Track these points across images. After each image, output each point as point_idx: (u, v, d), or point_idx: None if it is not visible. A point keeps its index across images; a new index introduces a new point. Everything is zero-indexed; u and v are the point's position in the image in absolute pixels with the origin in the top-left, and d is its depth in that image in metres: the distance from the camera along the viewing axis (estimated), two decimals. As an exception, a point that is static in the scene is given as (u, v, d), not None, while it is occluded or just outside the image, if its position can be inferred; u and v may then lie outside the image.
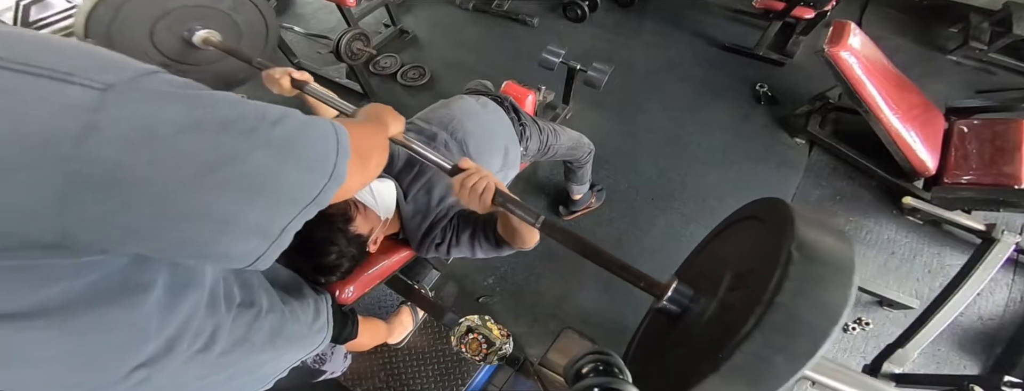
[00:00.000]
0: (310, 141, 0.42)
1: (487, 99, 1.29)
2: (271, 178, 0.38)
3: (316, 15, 2.98)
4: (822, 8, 2.25)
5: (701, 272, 0.81)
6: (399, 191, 1.05)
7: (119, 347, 0.46)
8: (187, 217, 0.35)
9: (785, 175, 2.06)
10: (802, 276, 0.51)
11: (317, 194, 0.42)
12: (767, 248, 0.58)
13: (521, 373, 1.46)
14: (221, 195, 0.36)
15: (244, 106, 0.38)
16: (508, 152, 1.23)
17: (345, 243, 0.90)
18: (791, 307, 0.49)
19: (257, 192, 0.38)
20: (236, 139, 0.36)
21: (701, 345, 0.58)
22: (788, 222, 0.57)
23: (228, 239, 0.38)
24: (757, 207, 0.76)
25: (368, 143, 0.56)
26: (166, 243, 0.36)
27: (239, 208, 0.37)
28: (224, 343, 0.58)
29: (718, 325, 0.57)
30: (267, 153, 0.38)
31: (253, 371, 0.68)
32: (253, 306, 0.64)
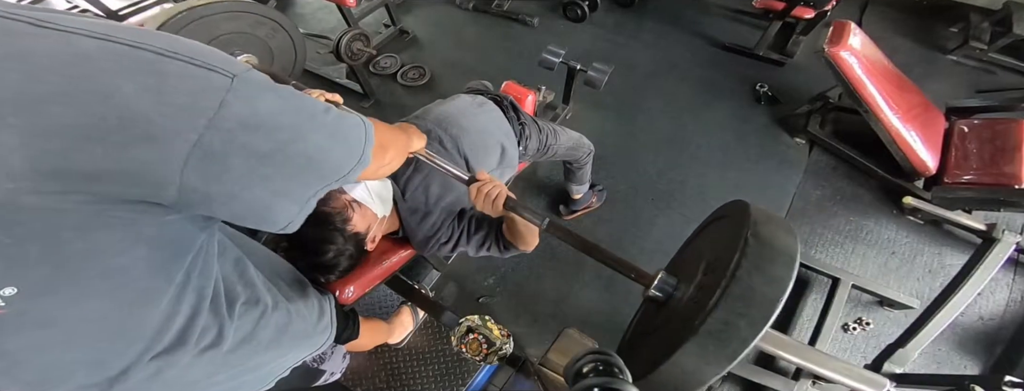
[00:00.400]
0: (349, 128, 0.50)
1: (484, 98, 1.29)
2: (322, 155, 0.46)
3: (316, 15, 2.98)
4: (822, 8, 2.26)
5: (683, 264, 0.94)
6: (396, 189, 1.05)
7: (143, 326, 0.49)
8: (263, 182, 0.42)
9: (785, 175, 2.06)
10: (755, 257, 0.63)
11: (347, 172, 0.49)
12: (731, 239, 0.70)
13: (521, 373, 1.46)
14: (285, 169, 0.43)
15: (307, 97, 0.46)
16: (505, 151, 1.23)
17: (342, 241, 0.91)
18: (747, 281, 0.61)
19: (309, 167, 0.46)
20: (305, 121, 0.44)
21: (681, 320, 0.68)
22: (746, 217, 0.70)
23: (282, 204, 0.46)
24: (726, 208, 0.90)
25: (388, 137, 0.66)
26: (240, 205, 0.43)
27: (295, 179, 0.45)
28: (231, 341, 0.59)
29: (694, 303, 0.68)
30: (321, 135, 0.46)
31: (257, 369, 0.68)
32: (258, 304, 0.65)
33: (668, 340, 0.66)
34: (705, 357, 0.60)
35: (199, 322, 0.54)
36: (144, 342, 0.50)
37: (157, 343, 0.51)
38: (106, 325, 0.46)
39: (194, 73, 0.37)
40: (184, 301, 0.52)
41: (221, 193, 0.41)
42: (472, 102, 1.25)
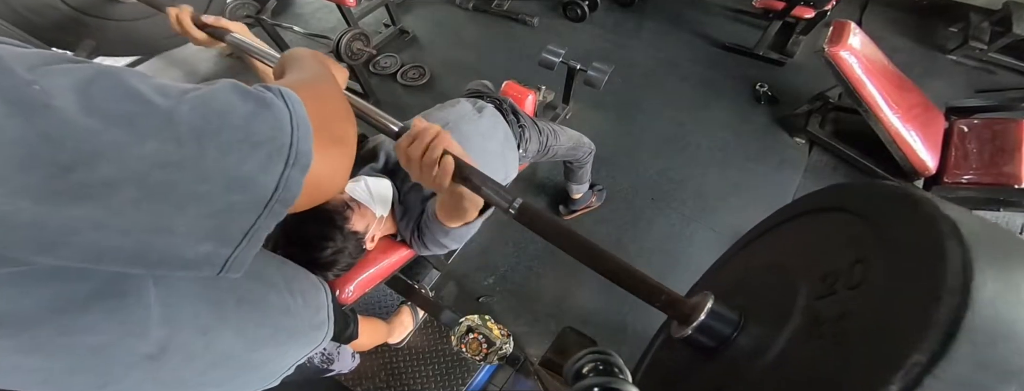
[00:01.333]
0: (245, 118, 0.32)
1: (484, 103, 1.29)
2: (186, 177, 0.29)
3: (316, 15, 2.98)
4: (822, 8, 2.25)
5: (742, 288, 0.61)
6: (395, 191, 1.05)
7: (118, 347, 0.46)
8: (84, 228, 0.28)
9: (785, 175, 2.06)
10: (973, 340, 0.29)
11: (275, 188, 0.33)
12: (887, 268, 0.38)
13: (521, 373, 1.46)
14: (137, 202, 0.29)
15: (115, 79, 0.29)
16: (506, 156, 1.23)
17: (341, 239, 0.91)
18: (974, 349, 0.28)
19: (172, 197, 0.30)
20: (111, 128, 0.27)
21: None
22: (934, 224, 0.35)
23: (171, 250, 0.31)
24: (847, 195, 0.51)
25: (331, 107, 0.44)
26: (72, 252, 0.29)
27: (159, 219, 0.30)
28: (225, 338, 0.58)
29: (803, 376, 0.38)
30: (169, 144, 0.29)
31: (257, 368, 0.68)
32: (253, 301, 0.64)
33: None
34: None
35: (193, 321, 0.53)
36: (129, 359, 0.48)
37: (144, 349, 0.48)
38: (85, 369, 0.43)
39: None
40: (175, 307, 0.50)
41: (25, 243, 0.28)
42: (472, 108, 1.25)
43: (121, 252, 0.30)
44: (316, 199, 0.39)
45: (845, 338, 0.36)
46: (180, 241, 0.31)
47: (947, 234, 0.33)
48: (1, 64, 0.26)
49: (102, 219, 0.28)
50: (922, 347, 0.28)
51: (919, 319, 0.30)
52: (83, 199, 0.27)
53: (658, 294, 0.50)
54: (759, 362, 0.43)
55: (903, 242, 0.38)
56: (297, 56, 0.60)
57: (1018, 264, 0.32)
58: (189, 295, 0.52)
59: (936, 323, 0.29)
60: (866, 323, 0.35)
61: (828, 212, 0.55)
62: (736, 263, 0.71)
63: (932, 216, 0.36)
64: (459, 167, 0.60)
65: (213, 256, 0.33)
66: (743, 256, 0.71)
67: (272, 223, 0.34)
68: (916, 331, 0.29)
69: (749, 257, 0.69)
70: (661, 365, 0.66)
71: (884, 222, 0.42)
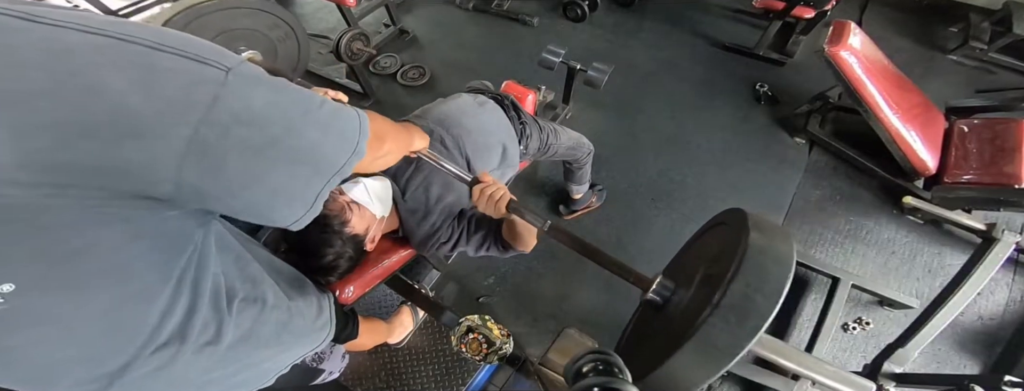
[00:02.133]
0: (343, 120, 0.49)
1: (485, 97, 1.29)
2: (316, 149, 0.46)
3: (316, 15, 2.98)
4: (822, 8, 2.26)
5: (682, 269, 0.93)
6: (396, 189, 1.05)
7: (140, 322, 0.49)
8: (260, 178, 0.42)
9: (785, 175, 2.06)
10: (751, 266, 0.64)
11: (342, 165, 0.49)
12: (729, 247, 0.71)
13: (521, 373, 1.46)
14: (280, 163, 0.43)
15: (302, 90, 0.46)
16: (507, 150, 1.23)
17: (341, 244, 0.91)
18: (743, 290, 0.62)
19: (305, 161, 0.45)
20: (298, 115, 0.43)
21: (678, 325, 0.68)
22: (743, 225, 0.72)
23: (282, 202, 0.46)
24: (725, 214, 0.91)
25: (385, 129, 0.65)
26: (239, 202, 0.43)
27: (289, 176, 0.45)
28: (230, 337, 0.59)
29: (690, 308, 0.69)
30: (316, 129, 0.45)
31: (257, 366, 0.68)
32: (257, 301, 0.65)
33: (664, 344, 0.67)
34: (699, 362, 0.62)
35: (198, 318, 0.54)
36: (143, 338, 0.49)
37: (156, 339, 0.50)
38: (105, 321, 0.46)
39: (186, 66, 0.36)
40: (182, 297, 0.51)
41: (219, 189, 0.40)
42: (473, 101, 1.25)
43: (259, 206, 0.45)
44: (362, 168, 0.57)
45: (710, 281, 0.70)
46: (283, 202, 0.46)
47: (747, 228, 0.71)
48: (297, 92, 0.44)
49: (266, 180, 0.43)
50: (731, 272, 0.65)
51: (733, 256, 0.67)
52: (269, 164, 0.42)
53: (630, 274, 0.82)
54: (680, 307, 0.74)
55: (733, 233, 0.76)
56: (403, 123, 0.84)
57: (768, 230, 0.72)
58: (194, 293, 0.53)
59: (739, 253, 0.67)
60: (719, 272, 0.68)
61: (717, 225, 0.94)
62: (684, 254, 1.09)
63: (743, 219, 0.75)
64: (510, 201, 0.91)
65: (298, 212, 0.48)
66: (688, 250, 1.08)
67: (329, 190, 0.49)
68: (731, 262, 0.66)
69: (689, 250, 1.07)
70: (637, 323, 1.03)
71: (730, 226, 0.82)
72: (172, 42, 0.37)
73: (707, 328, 0.61)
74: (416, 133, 0.83)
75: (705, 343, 0.61)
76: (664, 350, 0.65)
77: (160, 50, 0.36)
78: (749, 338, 0.60)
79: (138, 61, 0.35)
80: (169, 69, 0.36)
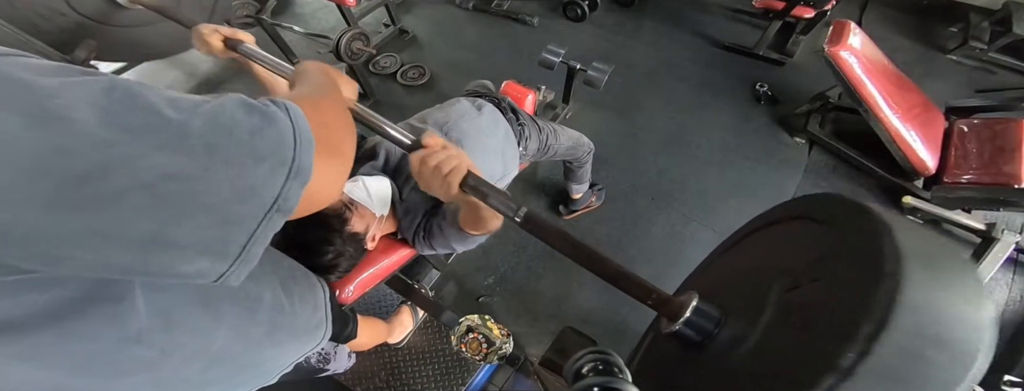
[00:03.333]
0: (250, 132, 0.33)
1: (483, 101, 1.29)
2: (194, 188, 0.30)
3: (316, 15, 2.98)
4: (822, 8, 2.25)
5: (724, 287, 0.67)
6: (395, 189, 1.05)
7: (117, 352, 0.45)
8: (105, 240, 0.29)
9: (785, 175, 2.06)
10: (910, 321, 0.34)
11: (274, 200, 0.34)
12: (840, 267, 0.43)
13: (521, 372, 1.46)
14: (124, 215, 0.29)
15: (130, 92, 0.30)
16: (506, 153, 1.23)
17: (341, 242, 0.90)
18: (895, 363, 0.34)
19: (179, 208, 0.30)
20: (126, 140, 0.28)
21: (747, 384, 0.44)
22: (879, 230, 0.41)
23: (170, 263, 0.32)
24: (812, 204, 0.57)
25: (333, 121, 0.46)
26: (80, 265, 0.30)
27: (164, 229, 0.31)
28: (223, 338, 0.58)
29: (769, 366, 0.43)
30: (180, 156, 0.30)
31: (256, 366, 0.68)
32: (251, 300, 0.64)
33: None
34: None
35: (189, 321, 0.53)
36: (123, 363, 0.47)
37: (138, 353, 0.48)
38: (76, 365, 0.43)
39: None
40: (168, 306, 0.49)
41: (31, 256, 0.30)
42: (471, 106, 1.25)
43: (122, 263, 0.31)
44: (311, 208, 0.41)
45: (809, 322, 0.42)
46: (178, 255, 0.32)
47: (885, 234, 0.40)
48: (20, 78, 0.27)
49: (109, 230, 0.29)
50: (869, 320, 0.35)
51: (864, 299, 0.36)
52: (93, 210, 0.28)
53: (649, 293, 0.54)
54: (738, 352, 0.48)
55: (853, 241, 0.45)
56: (306, 69, 0.63)
57: (938, 257, 0.40)
58: (182, 297, 0.52)
59: (878, 301, 0.35)
60: (825, 307, 0.41)
61: (792, 220, 0.62)
62: (717, 266, 0.77)
63: (877, 220, 0.43)
64: (467, 177, 0.63)
65: (208, 271, 0.34)
66: (723, 260, 0.76)
67: (270, 233, 0.35)
68: (862, 308, 0.36)
69: (728, 260, 0.75)
70: (652, 359, 0.71)
71: (839, 226, 0.49)
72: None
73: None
74: (343, 83, 0.66)
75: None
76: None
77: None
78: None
79: None
80: None
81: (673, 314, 0.53)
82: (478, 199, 0.65)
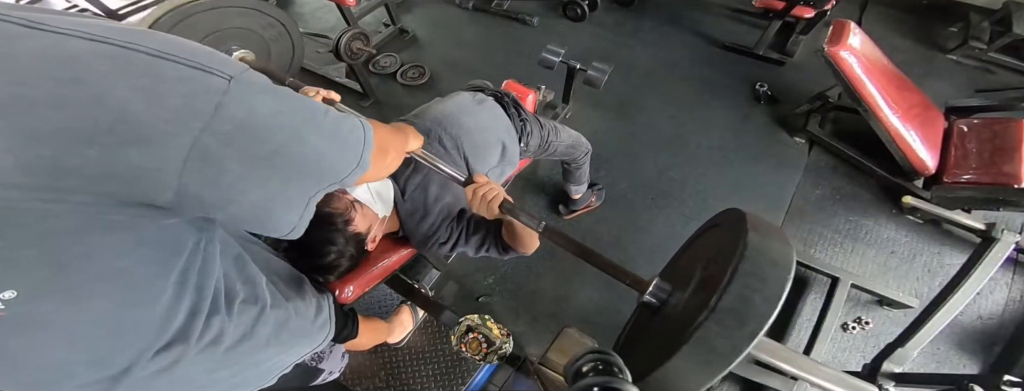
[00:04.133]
0: (348, 131, 0.49)
1: (484, 95, 1.29)
2: (320, 158, 0.46)
3: (316, 14, 2.98)
4: (822, 7, 2.26)
5: (679, 271, 0.93)
6: (396, 189, 1.05)
7: (143, 325, 0.49)
8: (260, 186, 0.42)
9: (785, 174, 2.06)
10: (750, 268, 0.63)
11: (346, 176, 0.49)
12: (727, 248, 0.70)
13: (521, 372, 1.46)
14: (283, 172, 0.43)
15: (306, 99, 0.46)
16: (506, 148, 1.23)
17: (343, 242, 0.91)
18: (741, 293, 0.61)
19: (308, 170, 0.45)
20: (302, 124, 0.44)
21: (676, 328, 0.68)
22: (742, 227, 0.70)
23: (280, 208, 0.46)
24: (722, 216, 0.90)
25: (388, 139, 0.65)
26: (238, 209, 0.43)
27: (292, 183, 0.45)
28: (231, 338, 0.59)
29: (688, 311, 0.68)
30: (319, 138, 0.45)
31: (258, 366, 0.69)
32: (257, 302, 0.65)
33: (661, 347, 0.66)
34: (696, 366, 0.61)
35: (199, 320, 0.54)
36: (145, 340, 0.50)
37: (158, 341, 0.51)
38: (107, 325, 0.46)
39: (189, 75, 0.37)
40: (184, 299, 0.52)
41: (219, 197, 0.40)
42: (472, 99, 1.25)
43: (258, 214, 0.45)
44: (366, 180, 0.57)
45: (707, 285, 0.68)
46: (281, 210, 0.46)
47: (745, 229, 0.69)
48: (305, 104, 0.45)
49: (274, 192, 0.44)
50: (729, 274, 0.63)
51: (731, 257, 0.66)
52: (272, 168, 0.42)
53: (628, 277, 0.82)
54: (677, 309, 0.74)
55: (730, 233, 0.75)
56: (396, 125, 0.86)
57: (766, 230, 0.71)
58: (196, 295, 0.53)
59: (737, 255, 0.65)
60: (716, 275, 0.67)
61: (712, 227, 0.93)
62: (677, 259, 1.09)
63: (740, 219, 0.74)
64: (504, 202, 0.90)
65: (292, 223, 0.48)
66: (682, 254, 1.08)
67: (321, 196, 0.49)
68: (726, 273, 0.64)
69: (682, 254, 1.07)
70: (634, 325, 1.03)
71: (727, 227, 0.81)
72: (176, 50, 0.37)
73: (704, 332, 0.60)
74: (411, 134, 0.83)
75: (702, 347, 0.60)
76: (662, 353, 0.64)
77: (164, 59, 0.36)
78: (747, 342, 0.58)
79: (142, 70, 0.35)
80: (173, 78, 0.36)
81: (642, 290, 0.79)
82: (512, 217, 0.89)
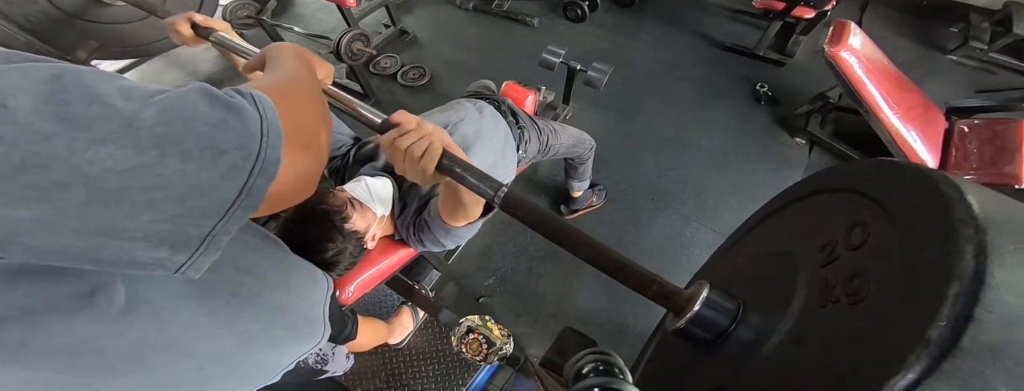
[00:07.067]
0: (211, 124, 0.31)
1: (484, 103, 1.29)
2: (143, 183, 0.29)
3: (316, 15, 2.98)
4: (822, 8, 2.25)
5: (737, 279, 0.59)
6: (395, 189, 1.05)
7: (100, 347, 0.44)
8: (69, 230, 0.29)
9: (785, 175, 2.05)
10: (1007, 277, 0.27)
11: (237, 194, 0.33)
12: (893, 232, 0.36)
13: (521, 373, 1.46)
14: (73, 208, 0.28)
15: (80, 81, 0.28)
16: (505, 156, 1.23)
17: (342, 240, 0.91)
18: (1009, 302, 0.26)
19: (128, 202, 0.29)
20: (64, 131, 0.27)
21: (785, 382, 0.36)
22: (920, 170, 0.36)
23: (125, 252, 0.31)
24: (844, 174, 0.48)
25: (306, 110, 0.42)
26: (61, 257, 0.30)
27: (114, 222, 0.29)
28: (218, 335, 0.57)
29: (833, 344, 0.34)
30: (126, 149, 0.28)
31: (255, 363, 0.67)
32: (245, 297, 0.63)
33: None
34: None
35: (182, 316, 0.52)
36: (117, 364, 0.47)
37: (128, 351, 0.47)
38: None
39: None
40: (156, 303, 0.49)
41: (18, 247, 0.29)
42: (473, 108, 1.25)
43: (71, 251, 0.30)
44: (281, 205, 0.39)
45: (863, 293, 0.35)
46: (132, 245, 0.31)
47: (942, 184, 0.35)
48: None
49: (51, 220, 0.28)
50: (957, 276, 0.27)
51: (945, 254, 0.29)
52: (31, 200, 0.27)
53: (649, 284, 0.45)
54: (764, 348, 0.40)
55: (897, 198, 0.39)
56: (277, 52, 0.58)
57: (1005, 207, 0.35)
58: (170, 292, 0.50)
59: (959, 256, 0.28)
60: (884, 275, 0.34)
61: (810, 196, 0.54)
62: (726, 259, 0.69)
63: (920, 173, 0.39)
64: (445, 157, 0.57)
65: (166, 261, 0.33)
66: (732, 252, 0.69)
67: (233, 228, 0.34)
68: (945, 266, 0.28)
69: (738, 252, 0.67)
70: (659, 365, 0.63)
71: (874, 188, 0.43)
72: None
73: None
74: (317, 63, 0.61)
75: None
76: None
77: None
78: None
79: None
80: None
81: (679, 307, 0.45)
82: (453, 179, 0.58)
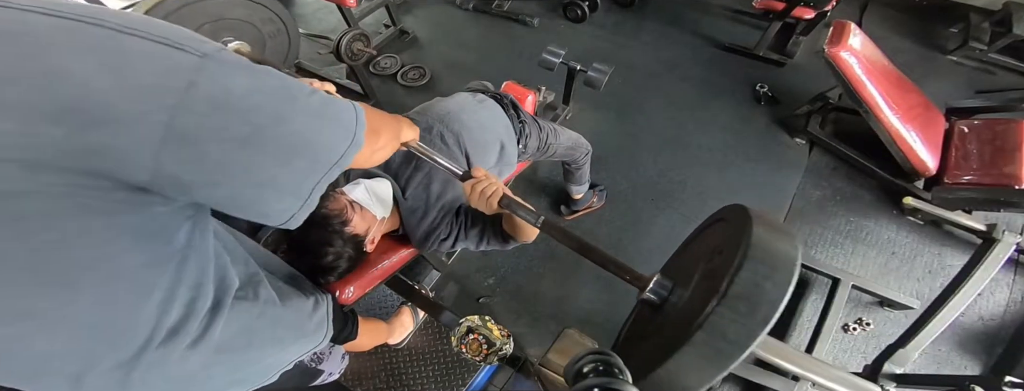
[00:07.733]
0: (337, 110, 0.48)
1: (484, 96, 1.29)
2: (308, 138, 0.44)
3: (316, 15, 2.98)
4: (822, 8, 2.26)
5: (680, 268, 0.92)
6: (396, 188, 1.05)
7: (135, 319, 0.47)
8: (245, 170, 0.41)
9: (785, 175, 2.06)
10: (755, 262, 0.62)
11: (341, 156, 0.47)
12: (730, 243, 0.69)
13: (521, 373, 1.46)
14: (268, 154, 0.41)
15: (288, 78, 0.44)
16: (504, 148, 1.23)
17: (341, 244, 0.91)
18: (746, 287, 0.60)
19: (297, 152, 0.44)
20: (285, 103, 0.42)
21: (676, 325, 0.67)
22: (747, 221, 0.70)
23: (271, 196, 0.44)
24: (725, 211, 0.88)
25: (379, 121, 0.65)
26: (224, 194, 0.42)
27: (280, 167, 0.43)
28: (224, 334, 0.58)
29: (690, 307, 0.66)
30: (306, 117, 0.43)
31: (256, 363, 0.68)
32: (252, 298, 0.64)
33: (663, 345, 0.65)
34: (707, 357, 0.59)
35: (195, 314, 0.53)
36: (137, 335, 0.49)
37: (153, 336, 0.50)
38: (94, 317, 0.44)
39: (158, 51, 0.35)
40: (178, 293, 0.50)
41: (200, 179, 0.39)
42: (473, 99, 1.25)
43: (247, 199, 0.44)
44: (358, 162, 0.55)
45: (713, 276, 0.66)
46: (273, 195, 0.45)
47: (751, 220, 0.68)
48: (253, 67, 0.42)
49: (264, 167, 0.42)
50: (738, 261, 0.62)
51: (737, 247, 0.64)
52: (254, 150, 0.40)
53: (627, 272, 0.80)
54: (680, 304, 0.72)
55: (735, 226, 0.73)
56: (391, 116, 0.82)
57: (771, 222, 0.70)
58: (187, 290, 0.52)
59: (744, 244, 0.64)
60: (721, 266, 0.65)
61: (716, 222, 0.91)
62: (678, 255, 1.09)
63: (744, 212, 0.73)
64: (503, 196, 0.89)
65: (287, 210, 0.47)
66: (683, 250, 1.08)
67: (326, 184, 0.48)
68: (733, 262, 0.62)
69: (684, 249, 1.07)
70: (634, 322, 1.02)
71: (731, 221, 0.79)
72: (142, 26, 0.36)
73: (716, 319, 0.58)
74: (405, 124, 0.81)
75: (714, 335, 0.58)
76: (665, 350, 0.62)
77: (130, 34, 0.35)
78: (760, 328, 0.56)
79: (105, 45, 0.34)
80: (140, 53, 0.35)
81: (643, 287, 0.78)
82: (511, 212, 0.89)
